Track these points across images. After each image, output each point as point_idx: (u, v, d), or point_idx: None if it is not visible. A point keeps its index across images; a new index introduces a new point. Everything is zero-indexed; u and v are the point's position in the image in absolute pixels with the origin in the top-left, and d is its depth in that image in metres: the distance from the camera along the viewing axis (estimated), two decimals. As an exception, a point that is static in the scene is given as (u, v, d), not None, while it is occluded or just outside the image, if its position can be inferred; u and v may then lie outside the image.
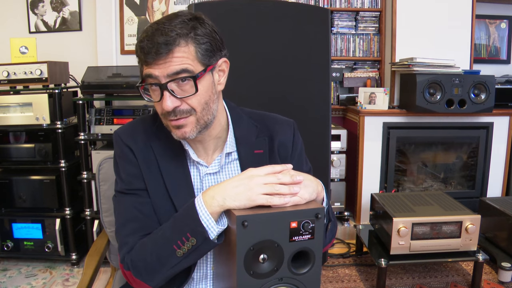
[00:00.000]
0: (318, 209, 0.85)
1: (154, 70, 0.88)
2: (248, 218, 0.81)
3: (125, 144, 1.01)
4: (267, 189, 0.86)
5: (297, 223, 0.84)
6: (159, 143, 1.01)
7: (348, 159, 2.87)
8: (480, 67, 3.01)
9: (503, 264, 2.23)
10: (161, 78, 0.88)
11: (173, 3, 3.02)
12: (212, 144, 1.04)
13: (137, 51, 0.91)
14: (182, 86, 0.89)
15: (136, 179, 0.99)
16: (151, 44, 0.87)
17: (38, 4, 3.00)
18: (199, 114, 0.93)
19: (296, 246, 0.85)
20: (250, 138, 1.07)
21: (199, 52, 0.89)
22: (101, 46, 2.97)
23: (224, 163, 1.05)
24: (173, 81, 0.88)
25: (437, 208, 2.23)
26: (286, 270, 0.86)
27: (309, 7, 2.22)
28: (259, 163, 1.02)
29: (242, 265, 0.82)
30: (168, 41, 0.86)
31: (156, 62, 0.87)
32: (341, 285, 2.29)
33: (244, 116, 1.10)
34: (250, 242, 0.82)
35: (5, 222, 2.48)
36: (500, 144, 2.90)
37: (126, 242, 0.96)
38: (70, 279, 2.38)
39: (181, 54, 0.87)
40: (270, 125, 1.10)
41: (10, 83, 2.43)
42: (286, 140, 1.10)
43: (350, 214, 2.99)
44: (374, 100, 2.82)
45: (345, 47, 3.15)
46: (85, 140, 2.47)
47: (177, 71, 0.87)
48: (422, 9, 2.89)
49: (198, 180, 1.03)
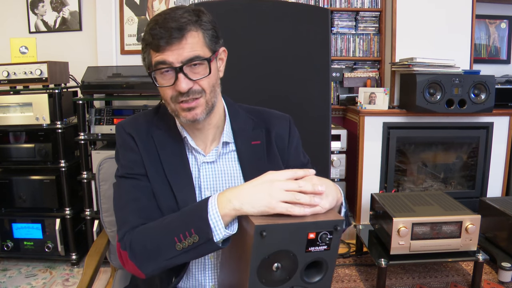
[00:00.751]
0: (337, 221, 0.82)
1: (167, 56, 0.91)
2: (267, 228, 0.78)
3: (127, 133, 1.04)
4: (288, 197, 0.82)
5: (315, 234, 0.81)
6: (159, 133, 1.05)
7: (348, 159, 2.87)
8: (480, 67, 3.01)
9: (503, 264, 2.23)
10: (175, 63, 0.91)
11: (173, 3, 3.02)
12: (211, 134, 1.06)
13: (147, 38, 0.93)
14: (195, 69, 0.93)
15: (137, 165, 1.02)
16: (164, 30, 0.89)
17: (38, 4, 3.00)
18: (208, 96, 0.97)
19: (311, 257, 0.83)
20: (247, 130, 1.09)
21: (207, 37, 0.95)
22: (101, 46, 2.97)
23: (222, 153, 1.07)
24: (187, 65, 0.92)
25: (437, 208, 2.23)
26: (298, 279, 0.84)
27: (309, 7, 2.22)
28: (256, 153, 1.07)
29: (255, 273, 0.80)
30: (181, 26, 0.90)
31: (169, 48, 0.90)
32: (341, 285, 2.29)
33: (241, 110, 1.13)
34: (267, 252, 0.80)
35: (5, 222, 2.48)
36: (500, 144, 2.90)
37: (126, 220, 0.96)
38: (70, 279, 2.38)
39: (192, 40, 0.92)
40: (267, 118, 1.12)
41: (10, 83, 2.43)
42: (283, 132, 1.12)
43: (350, 214, 2.99)
44: (374, 100, 2.82)
45: (345, 47, 3.15)
46: (85, 140, 2.47)
47: (191, 57, 0.91)
48: (422, 9, 2.89)
49: (196, 168, 1.05)
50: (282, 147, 1.11)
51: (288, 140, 1.12)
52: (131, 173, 1.01)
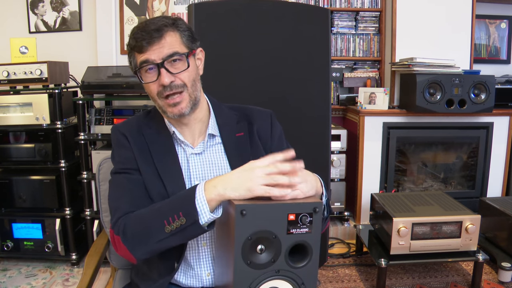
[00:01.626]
0: (316, 203, 0.87)
1: (149, 55, 1.02)
2: (247, 208, 0.84)
3: (120, 133, 1.14)
4: (267, 180, 0.89)
5: (295, 216, 0.86)
6: (150, 131, 1.15)
7: (348, 159, 2.87)
8: (480, 67, 3.01)
9: (503, 264, 2.23)
10: (156, 60, 1.02)
11: (173, 3, 3.02)
12: (197, 128, 1.15)
13: (131, 42, 1.04)
14: (175, 65, 1.05)
15: (129, 160, 1.10)
16: (145, 32, 1.02)
17: (38, 4, 3.00)
18: (190, 90, 1.07)
19: (294, 239, 0.87)
20: (231, 123, 1.19)
21: (184, 37, 1.07)
22: (101, 46, 2.97)
23: (209, 145, 1.16)
24: (167, 61, 1.03)
25: (437, 208, 2.23)
26: (283, 262, 0.88)
27: (309, 7, 2.22)
28: (240, 144, 1.16)
29: (240, 253, 0.85)
30: (159, 27, 1.02)
31: (151, 47, 1.02)
32: (341, 285, 2.29)
33: (224, 107, 1.23)
34: (248, 231, 0.85)
35: (5, 222, 2.48)
36: (500, 144, 2.90)
37: (119, 207, 1.04)
38: (70, 279, 2.38)
39: (170, 39, 1.04)
40: (249, 113, 1.22)
41: (10, 83, 2.43)
42: (264, 124, 1.21)
43: (350, 214, 2.99)
44: (374, 100, 2.82)
45: (345, 47, 3.15)
46: (85, 140, 2.47)
47: (170, 54, 1.03)
48: (422, 9, 2.89)
49: (185, 160, 1.13)
50: (265, 138, 1.19)
51: (271, 131, 1.21)
52: (124, 168, 1.10)
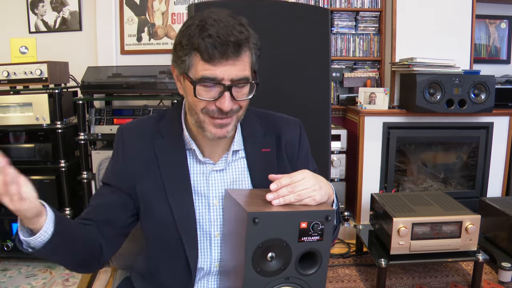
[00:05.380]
0: (328, 211, 0.86)
1: (219, 72, 0.87)
2: (259, 216, 0.82)
3: (122, 139, 1.04)
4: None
5: (307, 224, 0.85)
6: (162, 141, 1.02)
7: (348, 159, 2.87)
8: (480, 67, 3.01)
9: (503, 264, 2.23)
10: (225, 80, 0.88)
11: (173, 3, 3.02)
12: (222, 145, 1.04)
13: (197, 42, 0.86)
14: (241, 90, 0.92)
15: (118, 177, 1.03)
16: (220, 40, 0.84)
17: (38, 4, 3.00)
18: (240, 114, 0.97)
19: (304, 247, 0.86)
20: (257, 136, 1.07)
21: (253, 59, 0.93)
22: (101, 46, 2.96)
23: (231, 160, 1.05)
24: (235, 86, 0.90)
25: (437, 208, 2.23)
26: (293, 269, 0.87)
27: (309, 7, 2.22)
28: (266, 161, 1.05)
29: (250, 261, 0.83)
30: (239, 41, 0.86)
31: (224, 61, 0.86)
32: (341, 285, 2.29)
33: (251, 114, 1.09)
34: (260, 239, 0.83)
35: (5, 222, 2.48)
36: (500, 144, 2.90)
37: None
38: (70, 279, 2.38)
39: (245, 59, 0.89)
40: (277, 123, 1.10)
41: (10, 83, 2.43)
42: (293, 138, 1.10)
43: (350, 214, 2.99)
44: (374, 100, 2.82)
45: (345, 47, 3.15)
46: (85, 140, 2.47)
47: (241, 77, 0.89)
48: (422, 9, 2.89)
49: (204, 177, 1.03)
50: (292, 154, 1.10)
51: (298, 147, 1.11)
52: (108, 183, 1.04)
